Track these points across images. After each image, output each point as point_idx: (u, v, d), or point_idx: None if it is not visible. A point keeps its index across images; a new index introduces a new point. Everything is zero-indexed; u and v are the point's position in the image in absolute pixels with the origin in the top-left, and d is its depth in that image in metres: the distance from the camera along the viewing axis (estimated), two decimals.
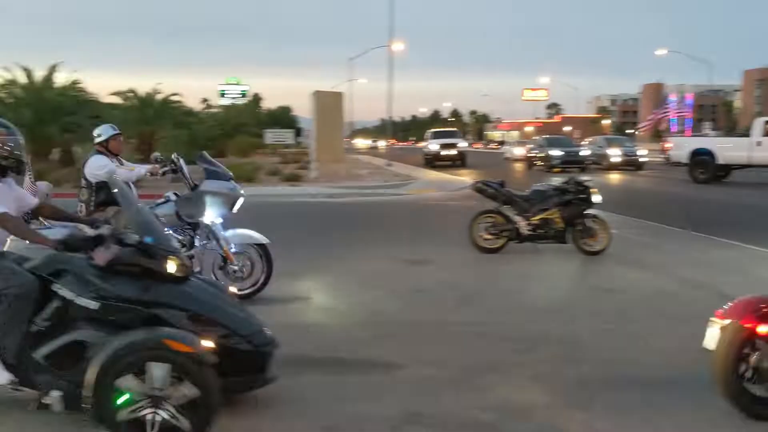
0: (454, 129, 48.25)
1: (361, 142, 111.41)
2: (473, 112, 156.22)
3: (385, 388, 4.66)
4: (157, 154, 7.77)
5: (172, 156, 7.27)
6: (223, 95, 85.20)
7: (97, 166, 6.59)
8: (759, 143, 23.97)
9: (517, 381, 4.77)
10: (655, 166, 38.61)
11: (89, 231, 4.05)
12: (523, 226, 9.84)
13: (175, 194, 6.97)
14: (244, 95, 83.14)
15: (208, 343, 3.65)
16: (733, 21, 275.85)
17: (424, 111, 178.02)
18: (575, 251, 9.72)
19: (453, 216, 13.73)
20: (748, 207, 17.45)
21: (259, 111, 66.87)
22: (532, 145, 37.61)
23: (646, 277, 8.36)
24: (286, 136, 34.90)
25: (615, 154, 34.45)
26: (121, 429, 3.52)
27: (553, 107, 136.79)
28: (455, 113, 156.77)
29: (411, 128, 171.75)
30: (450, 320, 6.42)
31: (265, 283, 7.01)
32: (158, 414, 3.48)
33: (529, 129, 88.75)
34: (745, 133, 27.29)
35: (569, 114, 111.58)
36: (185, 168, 7.07)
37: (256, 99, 76.46)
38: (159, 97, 31.28)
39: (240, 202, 7.04)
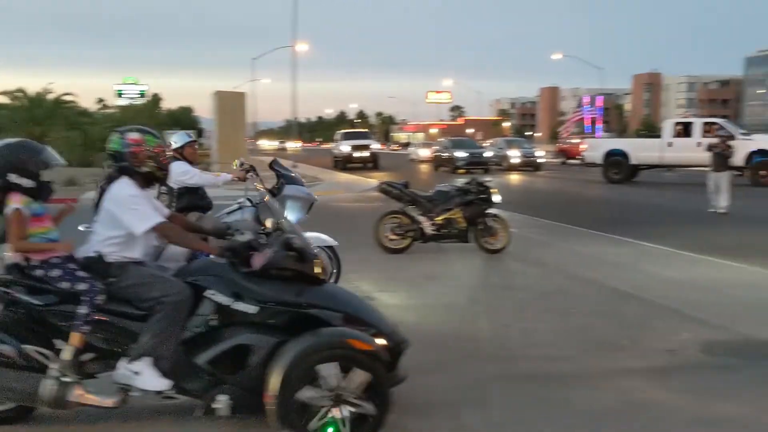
0: (366, 130, 47.90)
1: (267, 144, 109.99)
2: (379, 114, 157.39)
3: None
4: (241, 159, 7.34)
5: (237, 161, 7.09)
6: (120, 95, 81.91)
7: (180, 172, 6.36)
8: (670, 144, 25.21)
9: (417, 380, 4.80)
10: (552, 166, 40.15)
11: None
12: (427, 226, 9.98)
13: (249, 200, 6.89)
14: (142, 95, 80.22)
15: (381, 341, 3.77)
16: (623, 28, 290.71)
17: (330, 112, 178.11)
18: (477, 250, 9.94)
19: (359, 217, 13.75)
20: (645, 206, 18.43)
21: (159, 111, 64.71)
22: (437, 147, 38.24)
23: (543, 274, 8.64)
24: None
25: (515, 156, 35.58)
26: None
27: (457, 109, 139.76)
28: (361, 114, 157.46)
29: (317, 129, 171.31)
30: None
31: (335, 283, 6.85)
32: (343, 411, 3.59)
33: (433, 131, 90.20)
34: (652, 135, 28.83)
35: (472, 116, 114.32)
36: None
37: (156, 99, 73.95)
38: (50, 96, 29.77)
39: (313, 205, 7.08)
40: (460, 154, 32.52)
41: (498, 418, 4.19)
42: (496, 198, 10.15)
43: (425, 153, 45.83)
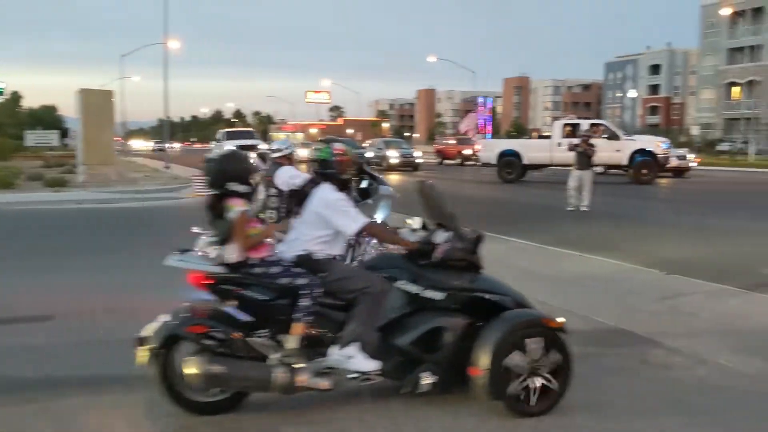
0: (251, 129, 46.04)
1: (140, 144, 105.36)
2: (257, 113, 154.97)
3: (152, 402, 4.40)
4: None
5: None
6: None
7: (290, 176, 6.95)
8: (559, 144, 26.28)
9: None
10: (430, 167, 41.09)
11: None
12: None
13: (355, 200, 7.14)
14: (0, 93, 74.89)
15: (561, 319, 4.20)
16: (494, 33, 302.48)
17: (205, 111, 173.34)
18: None
19: None
20: (520, 204, 19.19)
21: (19, 110, 60.54)
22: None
23: None
24: (51, 137, 32.01)
25: (394, 156, 36.15)
26: (511, 401, 4.01)
27: (336, 110, 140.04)
28: (239, 114, 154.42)
29: (192, 129, 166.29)
30: None
31: None
32: (536, 381, 4.03)
33: (313, 131, 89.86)
34: (543, 136, 30.03)
35: (351, 117, 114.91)
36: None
37: (16, 97, 69.12)
38: None
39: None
40: None
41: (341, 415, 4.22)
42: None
43: (304, 153, 45.57)
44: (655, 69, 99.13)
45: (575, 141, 17.55)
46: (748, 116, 65.38)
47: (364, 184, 7.54)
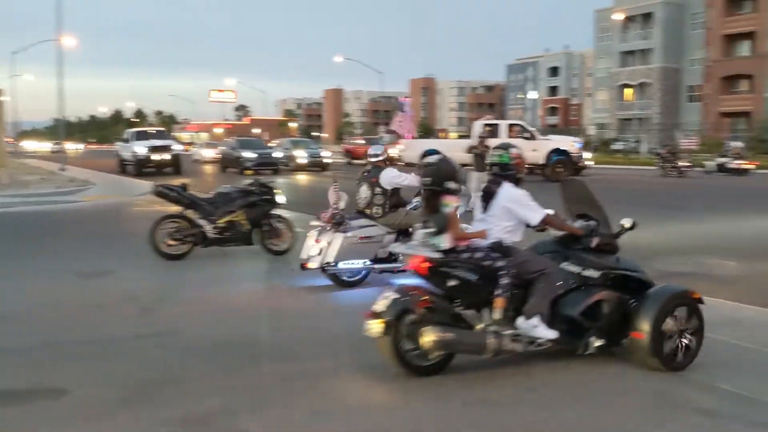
0: (163, 129, 43.75)
1: (33, 145, 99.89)
2: (159, 113, 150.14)
3: (49, 416, 4.17)
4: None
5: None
6: None
7: (394, 175, 8.13)
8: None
9: (197, 391, 4.61)
10: (339, 167, 41.03)
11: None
12: (209, 229, 9.65)
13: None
14: None
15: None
16: (401, 34, 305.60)
17: (104, 111, 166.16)
18: (262, 252, 9.82)
19: (135, 222, 12.98)
20: None
21: None
22: (223, 147, 37.28)
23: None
24: None
25: (301, 156, 35.86)
26: (665, 358, 4.87)
27: (242, 109, 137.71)
28: (140, 113, 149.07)
29: (89, 129, 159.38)
30: (129, 334, 5.98)
31: None
32: (682, 342, 4.96)
33: (218, 131, 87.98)
34: (462, 136, 30.32)
35: (258, 116, 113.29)
36: None
37: None
38: None
39: None
40: (249, 154, 31.93)
41: (276, 419, 4.14)
42: (280, 199, 10.10)
43: (210, 153, 44.60)
44: (553, 71, 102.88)
45: (473, 143, 17.90)
46: (639, 117, 68.91)
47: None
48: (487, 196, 5.20)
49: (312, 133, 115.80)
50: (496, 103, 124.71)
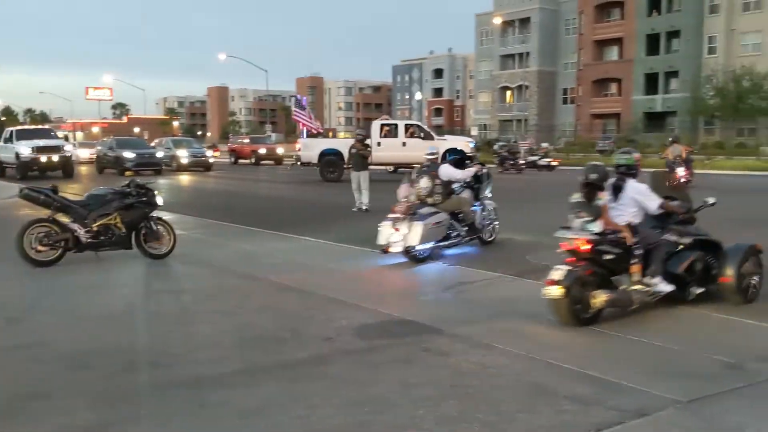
0: (49, 127, 40.41)
1: None
2: (30, 111, 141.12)
3: None
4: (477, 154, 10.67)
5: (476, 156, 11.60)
6: None
7: (450, 171, 10.34)
8: (379, 144, 26.56)
9: (68, 402, 4.36)
10: (224, 166, 40.19)
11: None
12: (81, 234, 9.14)
13: (466, 183, 10.75)
14: None
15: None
16: (286, 33, 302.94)
17: None
18: (141, 256, 9.44)
19: (0, 228, 12.13)
20: (318, 204, 19.29)
21: None
22: (100, 147, 35.53)
23: (210, 275, 8.54)
24: None
25: (184, 156, 34.81)
26: (744, 294, 6.78)
27: (121, 107, 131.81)
28: (8, 111, 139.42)
29: None
30: None
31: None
32: (752, 282, 6.86)
33: (95, 129, 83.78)
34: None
35: (137, 115, 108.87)
36: None
37: None
38: None
39: None
40: (128, 154, 30.59)
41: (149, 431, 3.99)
42: (159, 200, 9.74)
43: (85, 153, 42.47)
44: (438, 73, 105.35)
45: (351, 142, 17.92)
46: (519, 118, 71.79)
47: (468, 173, 10.79)
48: (617, 189, 6.70)
49: (196, 132, 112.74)
50: (384, 103, 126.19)
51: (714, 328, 6.05)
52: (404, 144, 26.75)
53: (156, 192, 9.77)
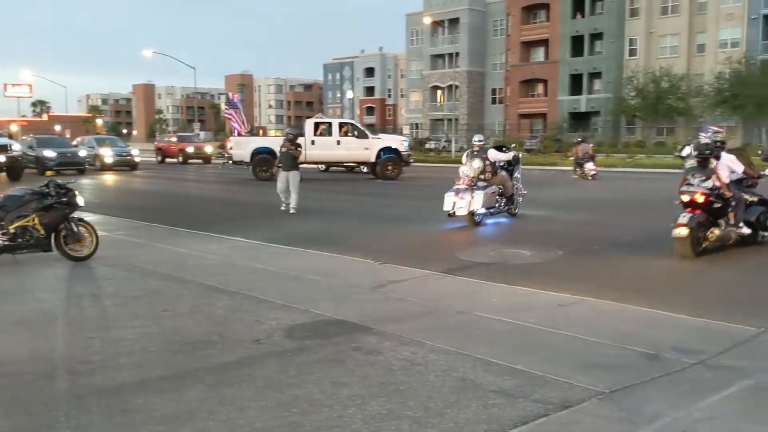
0: None
1: None
2: None
3: None
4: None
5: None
6: None
7: (497, 154, 13.81)
8: (313, 142, 26.31)
9: None
10: (151, 165, 39.18)
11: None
12: None
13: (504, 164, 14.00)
14: None
15: None
16: (215, 30, 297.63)
17: None
18: (62, 259, 9.10)
19: None
20: (245, 203, 18.98)
21: None
22: (19, 146, 34.00)
23: (135, 277, 8.29)
24: None
25: (108, 155, 33.78)
26: None
27: (41, 105, 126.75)
28: None
29: None
30: None
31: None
32: None
33: (14, 128, 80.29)
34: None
35: (58, 113, 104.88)
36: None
37: None
38: None
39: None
40: (49, 153, 29.41)
41: None
42: (80, 200, 9.41)
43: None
44: (369, 72, 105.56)
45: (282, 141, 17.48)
46: (449, 117, 72.70)
47: (510, 156, 14.12)
48: (704, 162, 9.40)
49: (122, 131, 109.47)
50: (315, 101, 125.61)
51: (633, 321, 6.26)
52: (338, 143, 26.71)
53: (77, 192, 9.43)
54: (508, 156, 14.01)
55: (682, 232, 9.00)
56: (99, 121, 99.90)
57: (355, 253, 9.79)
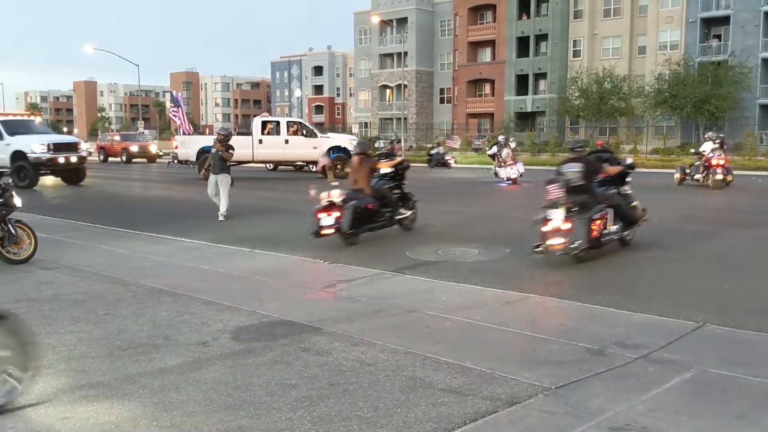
0: (30, 118, 36.05)
1: None
2: None
3: None
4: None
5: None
6: None
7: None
8: (260, 141, 25.95)
9: None
10: (92, 164, 38.07)
11: None
12: None
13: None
14: None
15: None
16: (159, 27, 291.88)
17: None
18: None
19: None
20: (190, 202, 18.66)
21: None
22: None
23: (76, 280, 8.06)
24: None
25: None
26: None
27: None
28: None
29: None
30: None
31: None
32: None
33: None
34: (242, 132, 29.19)
35: None
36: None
37: None
38: None
39: None
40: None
41: None
42: (17, 201, 9.08)
43: None
44: (318, 70, 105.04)
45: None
46: (398, 116, 72.92)
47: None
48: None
49: (64, 129, 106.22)
50: (263, 99, 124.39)
51: (577, 317, 6.38)
52: (287, 142, 26.51)
53: (14, 192, 9.10)
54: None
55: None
56: (38, 119, 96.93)
57: (303, 253, 9.72)
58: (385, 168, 11.91)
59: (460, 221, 13.79)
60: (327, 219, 10.32)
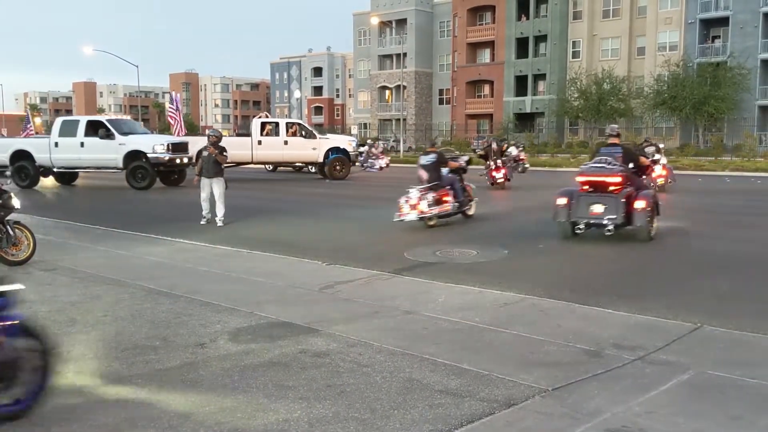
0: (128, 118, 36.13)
1: None
2: None
3: None
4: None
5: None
6: None
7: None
8: (260, 142, 26.03)
9: None
10: None
11: None
12: None
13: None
14: None
15: None
16: (159, 29, 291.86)
17: None
18: None
19: None
20: (185, 204, 18.64)
21: None
22: None
23: (74, 282, 8.05)
24: None
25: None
26: None
27: None
28: None
29: None
30: None
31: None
32: None
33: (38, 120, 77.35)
34: (241, 134, 29.16)
35: None
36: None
37: None
38: None
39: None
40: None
41: None
42: (16, 203, 9.08)
43: None
44: (317, 71, 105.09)
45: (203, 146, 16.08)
46: (397, 117, 72.93)
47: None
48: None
49: None
50: (262, 100, 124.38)
51: (574, 318, 6.38)
52: (286, 143, 26.53)
53: (12, 194, 9.10)
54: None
55: None
56: (38, 120, 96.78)
57: (302, 254, 9.72)
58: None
59: (458, 220, 13.79)
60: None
